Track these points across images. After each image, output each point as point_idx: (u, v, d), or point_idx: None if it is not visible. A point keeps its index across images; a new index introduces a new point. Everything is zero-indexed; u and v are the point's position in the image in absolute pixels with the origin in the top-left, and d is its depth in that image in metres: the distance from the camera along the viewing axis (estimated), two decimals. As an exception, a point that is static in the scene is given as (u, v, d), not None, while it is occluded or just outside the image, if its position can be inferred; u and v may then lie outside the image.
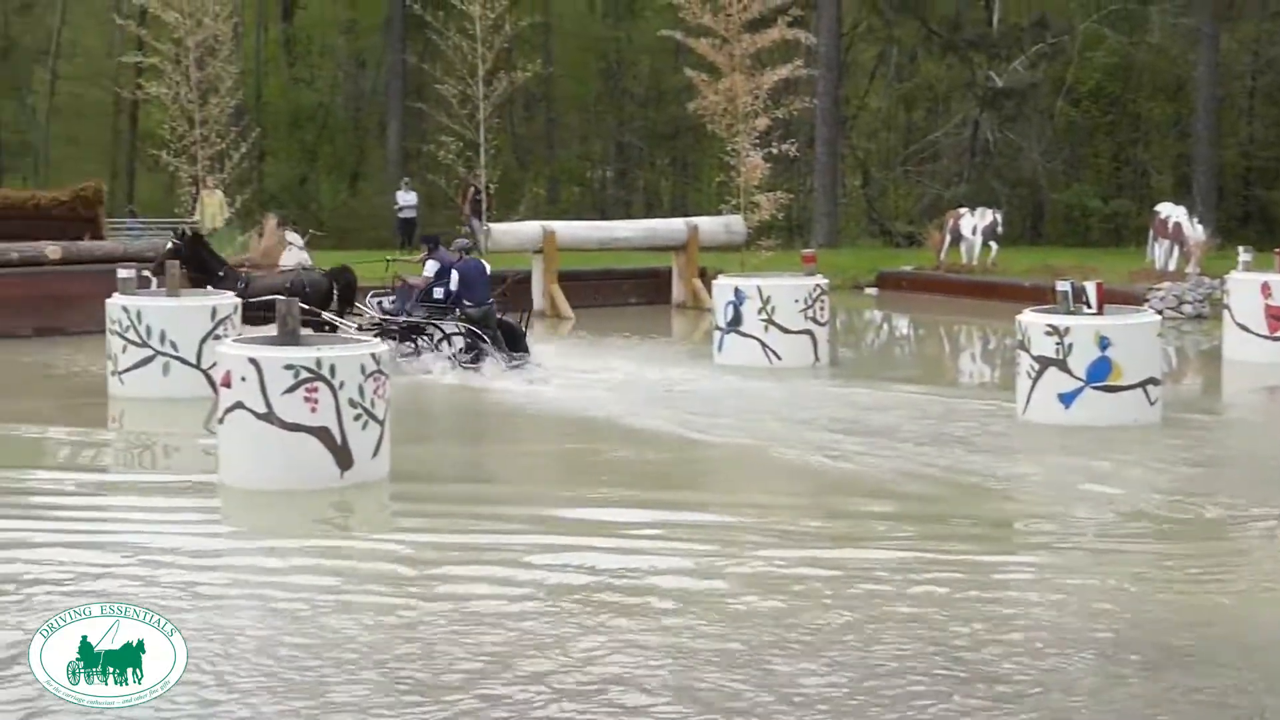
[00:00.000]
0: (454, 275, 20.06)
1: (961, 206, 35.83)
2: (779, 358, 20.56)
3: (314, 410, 12.02)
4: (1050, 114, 50.65)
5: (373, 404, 12.28)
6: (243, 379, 12.08)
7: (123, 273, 18.60)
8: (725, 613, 8.83)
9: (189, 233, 21.64)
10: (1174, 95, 51.41)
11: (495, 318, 20.22)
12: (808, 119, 40.36)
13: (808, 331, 20.76)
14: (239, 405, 12.13)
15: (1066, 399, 15.39)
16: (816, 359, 20.76)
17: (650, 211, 53.21)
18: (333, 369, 12.03)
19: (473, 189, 29.82)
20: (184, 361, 17.60)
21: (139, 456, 15.28)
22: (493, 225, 29.20)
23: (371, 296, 21.09)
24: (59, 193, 30.20)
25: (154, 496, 12.51)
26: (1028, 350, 15.71)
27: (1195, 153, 44.05)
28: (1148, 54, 50.80)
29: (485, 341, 19.60)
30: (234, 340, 13.32)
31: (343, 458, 12.15)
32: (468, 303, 19.97)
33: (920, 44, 52.91)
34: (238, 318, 18.34)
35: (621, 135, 60.85)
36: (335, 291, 20.78)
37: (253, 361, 12.06)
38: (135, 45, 39.97)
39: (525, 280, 29.41)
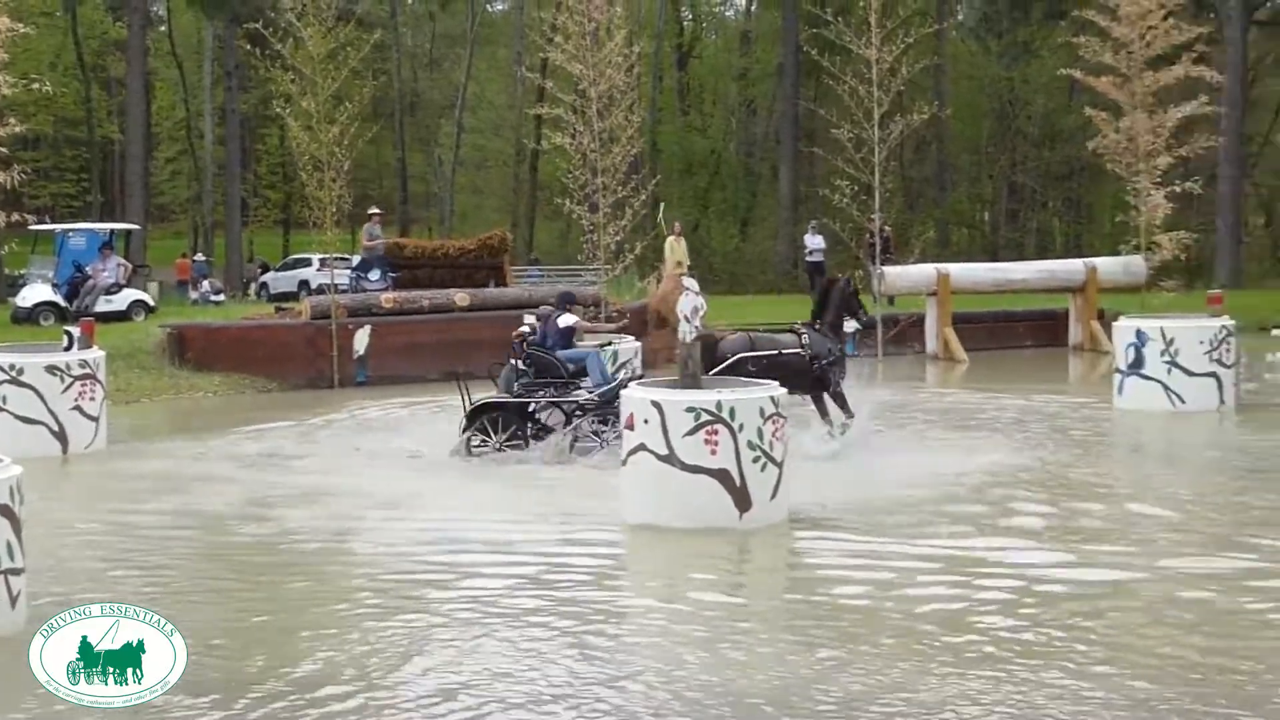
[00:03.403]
0: None
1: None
2: (1182, 401, 19.99)
3: (714, 453, 12.19)
4: None
5: (771, 446, 12.38)
6: (645, 421, 12.34)
7: (528, 318, 19.18)
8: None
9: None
10: None
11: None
12: (1210, 157, 39.12)
13: (1213, 374, 20.12)
14: (641, 447, 12.39)
15: None
16: (1222, 402, 20.10)
17: (1043, 253, 52.31)
18: (732, 412, 12.19)
19: (882, 231, 29.80)
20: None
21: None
22: (886, 268, 29.14)
23: None
24: (466, 241, 31.43)
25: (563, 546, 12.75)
26: None
27: None
28: None
29: None
30: (638, 384, 13.57)
31: (741, 500, 12.28)
32: None
33: (1331, 77, 50.93)
34: (638, 362, 18.68)
35: (1014, 176, 60.04)
36: None
37: (655, 404, 12.30)
38: (537, 97, 41.26)
39: (919, 323, 29.30)
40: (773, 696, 8.09)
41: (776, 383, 12.98)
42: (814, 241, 38.37)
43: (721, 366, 16.60)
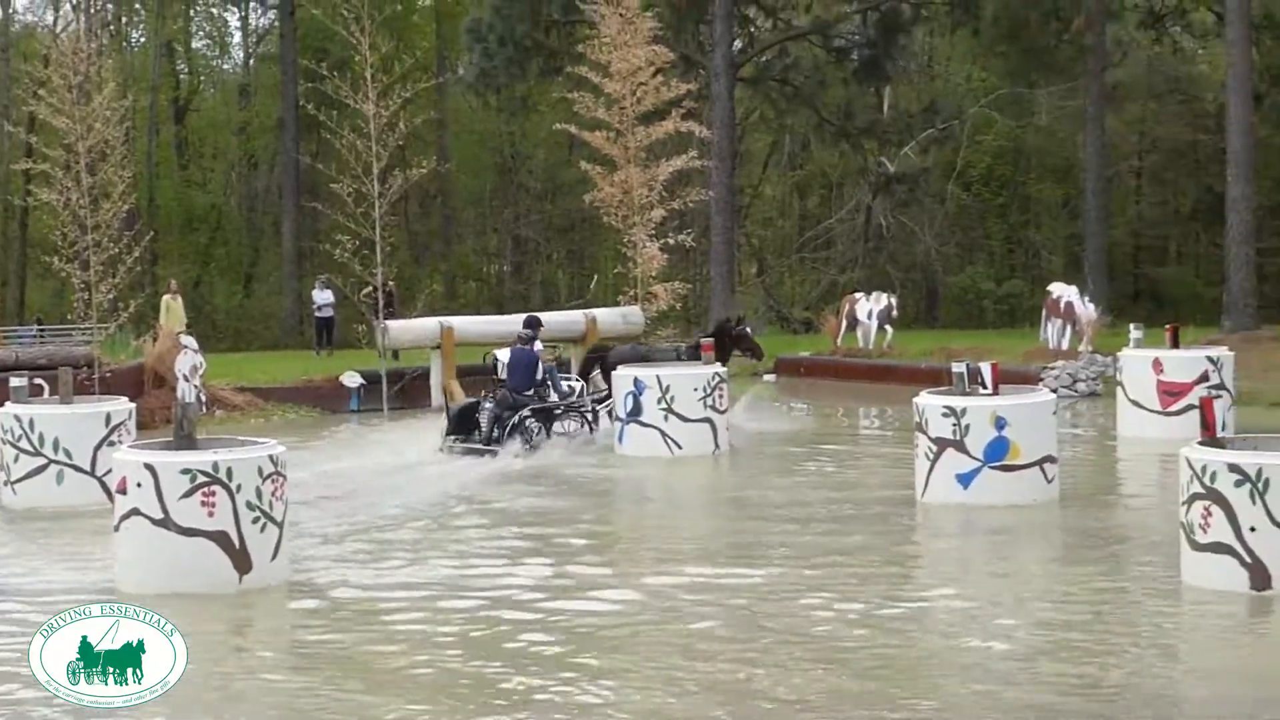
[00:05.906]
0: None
1: (857, 291, 36.25)
2: (680, 447, 20.57)
3: (211, 514, 11.89)
4: (942, 198, 51.35)
5: (271, 506, 12.18)
6: (139, 485, 11.95)
7: (15, 381, 18.40)
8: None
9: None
10: (1063, 177, 52.52)
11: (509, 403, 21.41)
12: (703, 209, 40.60)
13: (708, 420, 20.79)
14: (135, 511, 11.98)
15: (965, 479, 15.49)
16: (717, 447, 20.79)
17: (548, 304, 53.24)
18: (230, 472, 11.92)
19: (387, 287, 29.71)
20: (78, 469, 17.39)
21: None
22: (390, 323, 29.06)
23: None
24: (-52, 301, 29.92)
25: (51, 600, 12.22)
26: (925, 432, 15.81)
27: (1085, 232, 44.67)
28: (1036, 137, 51.88)
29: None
30: (129, 446, 13.14)
31: (241, 562, 12.02)
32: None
33: (812, 132, 53.42)
34: (132, 424, 18.12)
35: (518, 229, 60.94)
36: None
37: (148, 467, 11.93)
38: (24, 152, 39.70)
39: (424, 376, 29.31)
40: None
41: None
42: (323, 296, 38.17)
43: None
